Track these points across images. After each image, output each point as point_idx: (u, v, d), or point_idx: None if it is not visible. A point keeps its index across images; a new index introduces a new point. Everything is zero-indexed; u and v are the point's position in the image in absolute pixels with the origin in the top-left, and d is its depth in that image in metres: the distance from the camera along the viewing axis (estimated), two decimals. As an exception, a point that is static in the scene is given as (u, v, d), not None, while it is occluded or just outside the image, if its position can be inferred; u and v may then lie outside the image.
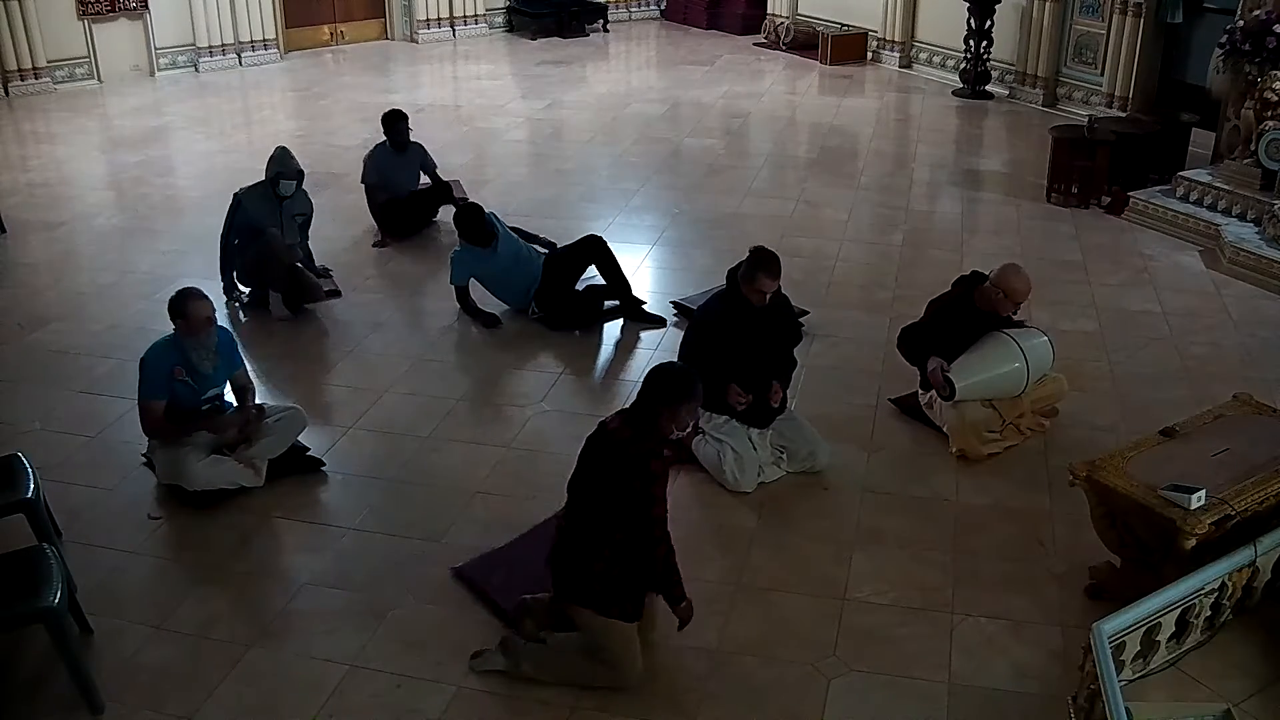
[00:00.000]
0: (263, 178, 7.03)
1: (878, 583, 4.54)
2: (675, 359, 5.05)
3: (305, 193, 7.19)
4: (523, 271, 6.82)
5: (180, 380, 5.01)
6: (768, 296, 5.09)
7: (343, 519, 4.98)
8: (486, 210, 6.94)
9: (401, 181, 8.16)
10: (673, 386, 3.84)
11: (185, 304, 4.99)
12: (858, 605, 4.42)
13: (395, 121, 8.07)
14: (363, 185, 8.18)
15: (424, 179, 8.31)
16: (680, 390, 3.84)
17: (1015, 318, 5.54)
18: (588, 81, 12.97)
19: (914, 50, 13.09)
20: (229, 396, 5.30)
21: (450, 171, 8.76)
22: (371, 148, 8.28)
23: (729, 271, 5.16)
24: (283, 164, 6.96)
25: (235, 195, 7.01)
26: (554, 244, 7.24)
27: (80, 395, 6.01)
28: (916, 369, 5.54)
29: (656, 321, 6.78)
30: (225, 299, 6.94)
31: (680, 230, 8.34)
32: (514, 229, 7.08)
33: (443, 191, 8.23)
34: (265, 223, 6.89)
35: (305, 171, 7.17)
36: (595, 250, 6.86)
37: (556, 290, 6.76)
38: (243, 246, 6.94)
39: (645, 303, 6.90)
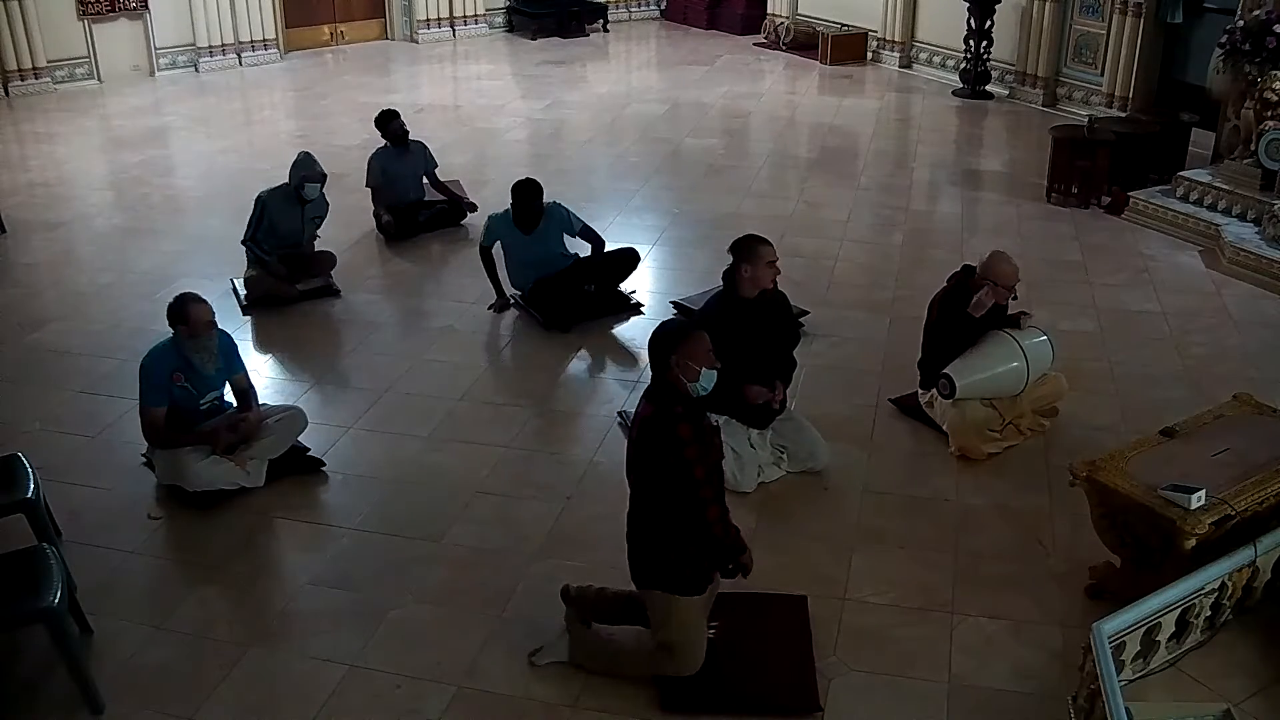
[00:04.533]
0: (284, 181, 7.10)
1: (878, 583, 4.54)
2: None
3: (323, 194, 7.21)
4: (543, 267, 6.80)
5: (179, 386, 5.02)
6: (776, 270, 5.09)
7: (343, 519, 4.98)
8: (549, 201, 6.87)
9: (406, 181, 8.16)
10: (661, 340, 3.85)
11: (185, 308, 4.99)
12: (858, 605, 4.42)
13: (388, 121, 8.09)
14: (368, 189, 8.18)
15: (429, 191, 8.31)
16: (669, 339, 3.83)
17: (1012, 302, 5.52)
18: (588, 81, 12.97)
19: (914, 50, 13.09)
20: (228, 396, 5.30)
21: (450, 171, 8.77)
22: (373, 151, 8.26)
23: (724, 273, 5.16)
24: (308, 169, 7.04)
25: (259, 197, 7.05)
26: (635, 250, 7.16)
27: (80, 395, 6.01)
28: (918, 369, 5.55)
29: (627, 304, 6.91)
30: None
31: (680, 230, 8.34)
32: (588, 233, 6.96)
33: (455, 209, 8.27)
34: (286, 226, 7.00)
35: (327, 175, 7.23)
36: (627, 260, 6.93)
37: (557, 289, 6.75)
38: (268, 249, 7.04)
39: (634, 294, 6.99)
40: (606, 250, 6.97)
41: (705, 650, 3.95)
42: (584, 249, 7.01)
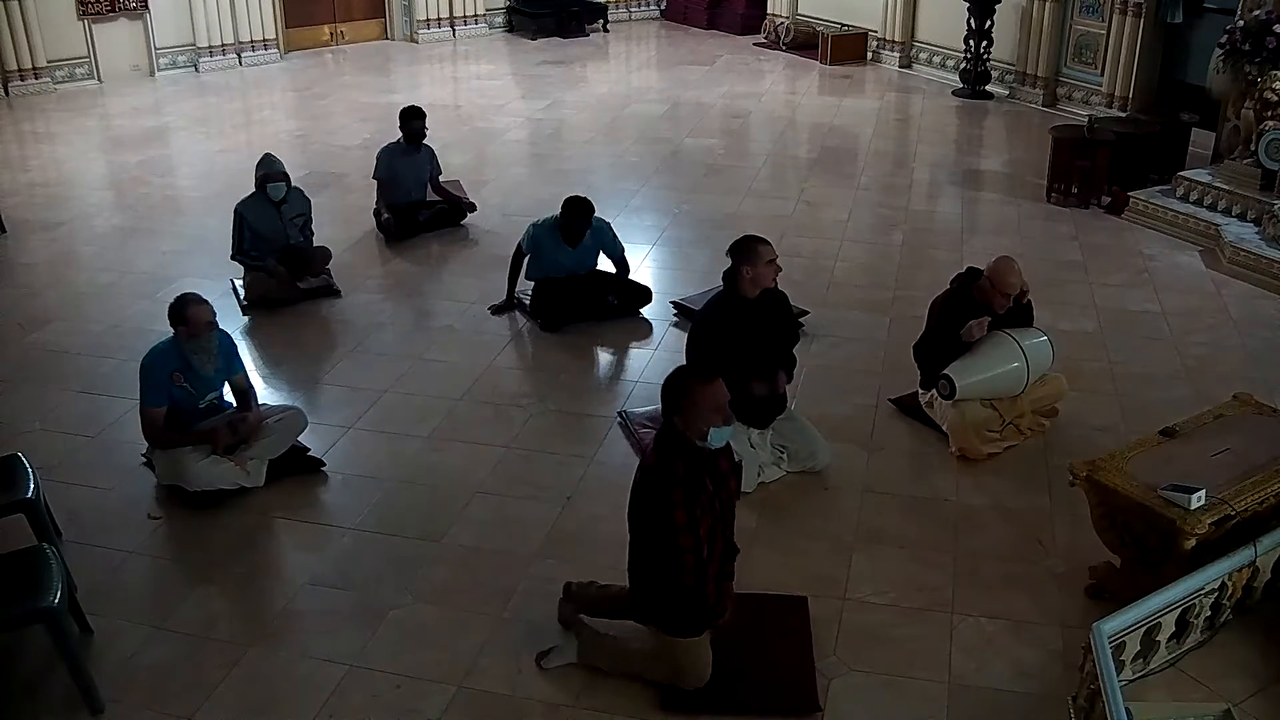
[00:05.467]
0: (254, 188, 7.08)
1: (878, 583, 4.54)
2: (678, 361, 5.05)
3: (300, 191, 7.22)
4: (571, 271, 6.79)
5: (179, 386, 5.02)
6: (777, 268, 5.09)
7: (343, 519, 4.98)
8: (597, 218, 6.80)
9: (410, 181, 8.14)
10: (668, 392, 3.76)
11: (185, 309, 4.99)
12: (858, 605, 4.42)
13: (411, 119, 8.03)
14: (373, 183, 8.17)
15: (430, 193, 8.30)
16: (675, 392, 3.73)
17: (1024, 304, 5.51)
18: (588, 81, 12.97)
19: (914, 50, 13.09)
20: (227, 396, 5.30)
21: (450, 171, 8.77)
22: (385, 144, 8.24)
23: (725, 274, 5.16)
24: (268, 167, 7.00)
25: (236, 210, 7.03)
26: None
27: (80, 395, 6.01)
28: (935, 374, 5.53)
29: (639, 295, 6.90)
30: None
31: (680, 230, 8.34)
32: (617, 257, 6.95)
33: (455, 210, 8.27)
34: (267, 229, 6.97)
35: (295, 174, 7.23)
36: (641, 295, 6.92)
37: (564, 292, 6.76)
38: (259, 255, 7.03)
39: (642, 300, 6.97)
40: (627, 278, 6.96)
41: (711, 665, 3.93)
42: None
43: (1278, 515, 4.18)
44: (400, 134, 8.08)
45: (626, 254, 7.00)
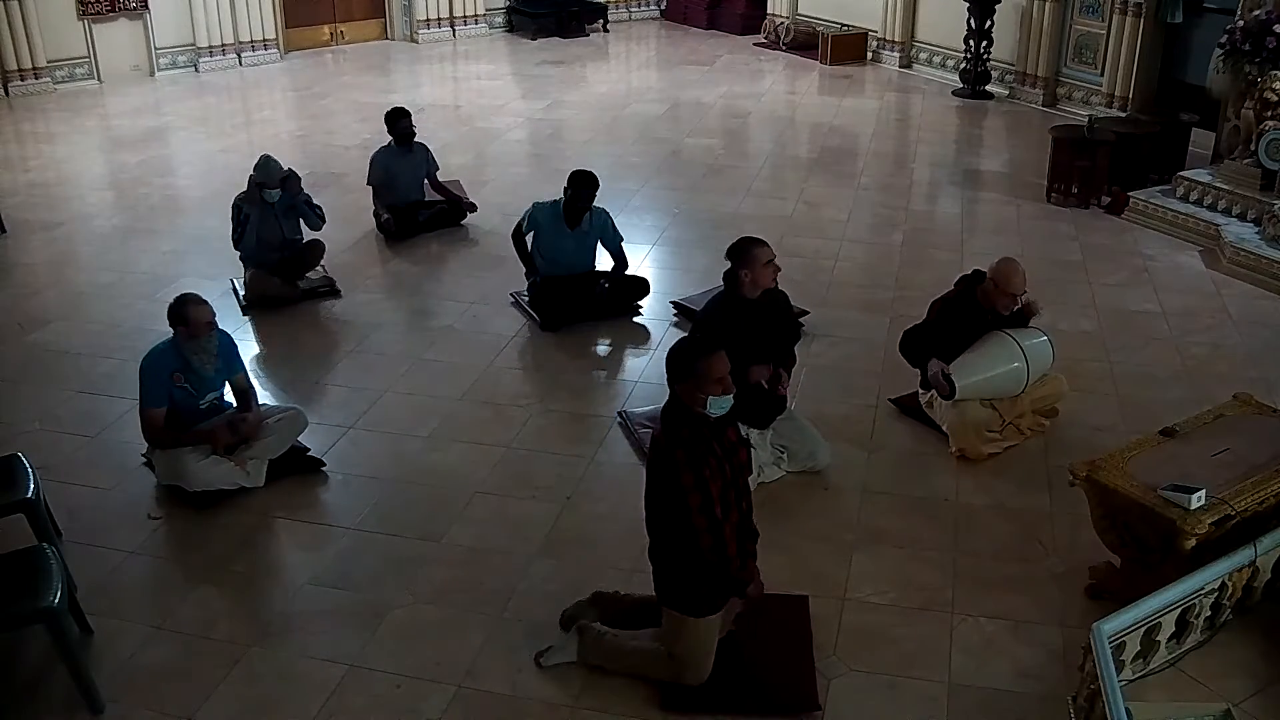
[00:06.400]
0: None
1: (878, 583, 4.54)
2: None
3: (293, 193, 7.14)
4: (569, 264, 6.79)
5: (179, 386, 5.02)
6: (776, 268, 5.08)
7: (343, 519, 4.98)
8: (599, 206, 6.80)
9: (407, 182, 8.14)
10: (675, 362, 3.81)
11: (185, 310, 4.99)
12: (858, 605, 4.42)
13: (398, 119, 8.05)
14: (369, 187, 8.17)
15: (429, 192, 8.29)
16: (682, 363, 3.78)
17: (1021, 306, 5.50)
18: (588, 81, 12.97)
19: (914, 50, 13.09)
20: (228, 396, 5.30)
21: (450, 171, 8.78)
22: (376, 149, 8.24)
23: (725, 275, 5.15)
24: (266, 174, 6.95)
25: (235, 204, 7.04)
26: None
27: (80, 395, 6.01)
28: (917, 369, 5.55)
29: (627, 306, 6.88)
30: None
31: (680, 230, 8.34)
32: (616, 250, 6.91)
33: (455, 209, 8.27)
34: (267, 233, 6.97)
35: (299, 174, 7.20)
36: (639, 287, 6.93)
37: (566, 291, 6.75)
38: (252, 252, 7.04)
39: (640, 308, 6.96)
40: (625, 273, 6.95)
41: (713, 663, 3.94)
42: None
43: (1278, 515, 4.18)
44: (390, 138, 8.09)
45: (625, 249, 6.98)
